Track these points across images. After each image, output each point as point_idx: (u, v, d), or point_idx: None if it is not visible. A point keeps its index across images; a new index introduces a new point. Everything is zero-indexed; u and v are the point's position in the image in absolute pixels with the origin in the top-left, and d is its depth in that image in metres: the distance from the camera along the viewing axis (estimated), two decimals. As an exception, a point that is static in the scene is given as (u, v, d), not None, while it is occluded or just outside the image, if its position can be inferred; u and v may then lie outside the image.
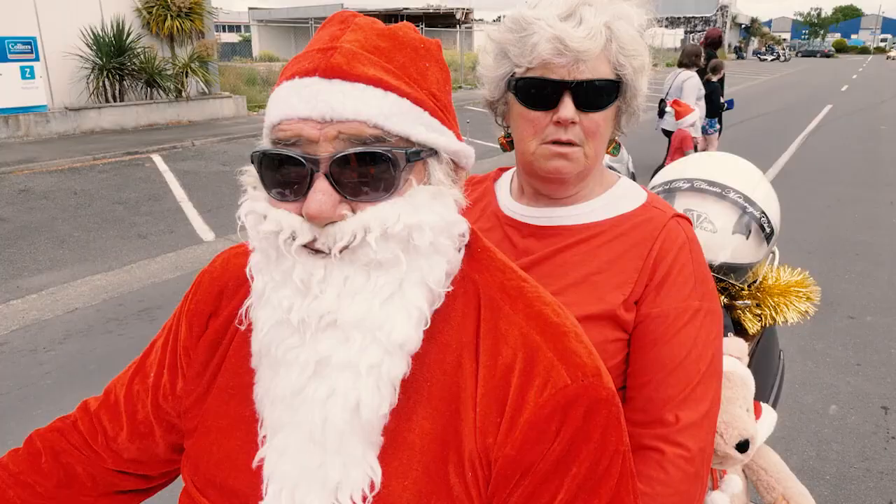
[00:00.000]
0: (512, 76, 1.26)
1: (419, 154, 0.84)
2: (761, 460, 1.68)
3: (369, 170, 0.80)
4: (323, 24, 0.89)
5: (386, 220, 0.80)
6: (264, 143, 0.86)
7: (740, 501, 1.59)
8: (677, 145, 8.24)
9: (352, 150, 0.78)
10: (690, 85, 8.44)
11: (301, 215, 0.81)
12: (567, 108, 1.20)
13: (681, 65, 8.73)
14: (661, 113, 8.73)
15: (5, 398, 4.15)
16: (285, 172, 0.81)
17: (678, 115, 8.09)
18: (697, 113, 8.35)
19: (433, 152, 0.86)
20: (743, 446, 1.44)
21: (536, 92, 1.22)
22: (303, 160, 0.79)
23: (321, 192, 0.79)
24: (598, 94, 1.22)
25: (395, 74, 0.83)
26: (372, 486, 0.83)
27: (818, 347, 4.89)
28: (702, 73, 8.89)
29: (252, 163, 0.85)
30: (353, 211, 0.81)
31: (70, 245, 7.09)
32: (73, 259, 6.69)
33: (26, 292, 5.85)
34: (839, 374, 4.53)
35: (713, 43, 10.05)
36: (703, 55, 8.96)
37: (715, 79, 9.44)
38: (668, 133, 8.79)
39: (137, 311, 5.49)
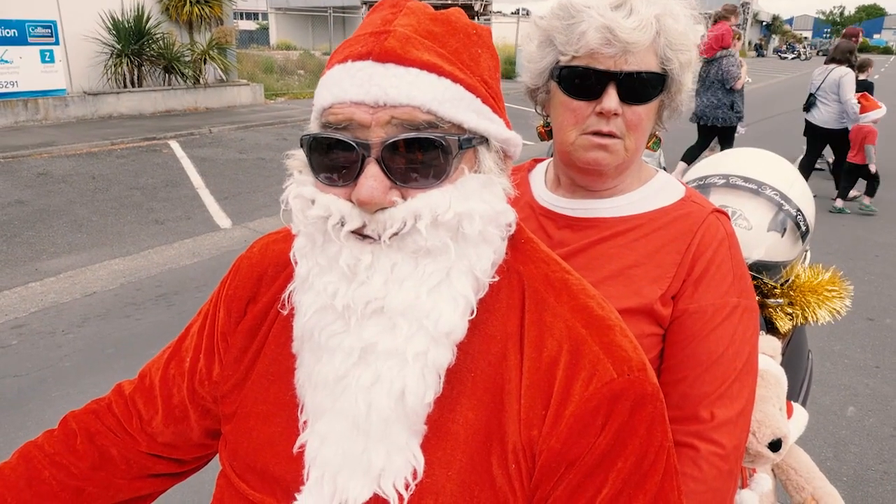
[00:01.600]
0: (556, 64, 1.24)
1: (471, 141, 0.83)
2: (791, 460, 1.67)
3: (421, 156, 0.79)
4: (374, 8, 0.88)
5: (437, 208, 0.79)
6: (313, 127, 0.85)
7: (769, 501, 1.58)
8: (860, 139, 8.43)
9: (405, 136, 0.77)
10: (848, 81, 8.54)
11: (350, 200, 0.80)
12: (611, 99, 1.19)
13: (832, 61, 8.81)
14: (809, 107, 8.89)
15: (24, 380, 4.18)
16: (335, 157, 0.80)
17: (864, 110, 8.27)
18: (884, 109, 8.56)
19: (484, 140, 0.85)
20: (776, 445, 1.42)
21: (581, 82, 1.21)
22: (354, 144, 0.78)
23: (372, 178, 0.78)
24: (644, 87, 1.20)
25: (449, 60, 0.82)
26: (415, 475, 0.83)
27: (836, 349, 4.85)
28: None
29: (301, 146, 0.84)
30: (404, 197, 0.80)
31: (88, 229, 7.13)
32: (90, 243, 6.73)
33: (45, 275, 5.89)
34: (857, 375, 4.49)
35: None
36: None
37: (862, 76, 9.54)
38: (813, 127, 8.93)
39: (155, 296, 5.52)
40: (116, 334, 4.82)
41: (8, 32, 12.04)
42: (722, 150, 9.38)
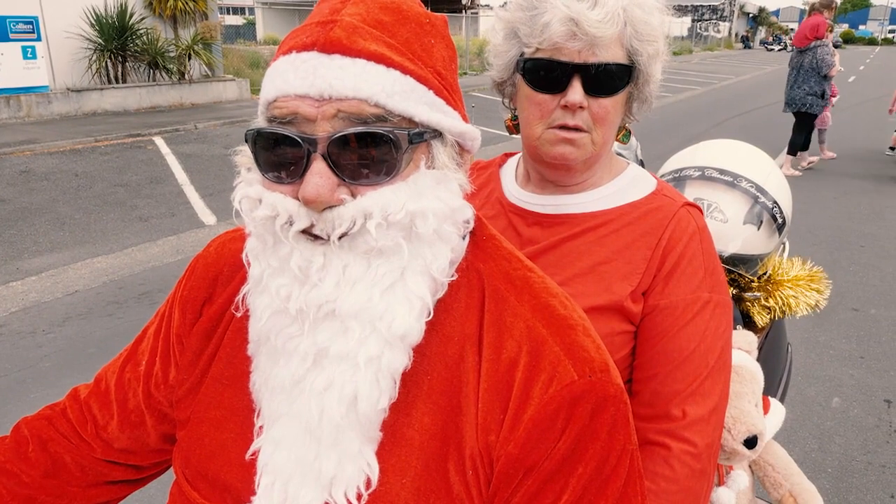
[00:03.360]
0: (521, 56, 1.21)
1: (422, 135, 0.79)
2: (769, 456, 1.65)
3: (370, 151, 0.75)
4: (324, -3, 0.84)
5: (387, 207, 0.76)
6: (259, 122, 0.81)
7: (746, 498, 1.56)
8: None
9: (351, 130, 0.74)
10: None
11: (297, 199, 0.77)
12: (576, 92, 1.16)
13: None
14: None
15: (4, 380, 4.13)
16: (281, 153, 0.77)
17: None
18: None
19: (437, 134, 0.82)
20: (751, 442, 1.40)
21: (545, 74, 1.18)
22: (299, 140, 0.75)
23: (318, 175, 0.74)
24: (610, 79, 1.17)
25: (399, 50, 0.78)
26: (368, 483, 0.80)
27: (821, 340, 4.85)
28: None
29: (246, 142, 0.81)
30: (353, 195, 0.77)
31: (70, 227, 7.05)
32: (73, 241, 6.66)
33: (26, 274, 5.82)
34: (842, 366, 4.50)
35: None
36: None
37: None
38: None
39: (138, 294, 5.46)
40: (98, 333, 4.77)
41: (-12, 28, 11.90)
42: (795, 133, 9.67)
